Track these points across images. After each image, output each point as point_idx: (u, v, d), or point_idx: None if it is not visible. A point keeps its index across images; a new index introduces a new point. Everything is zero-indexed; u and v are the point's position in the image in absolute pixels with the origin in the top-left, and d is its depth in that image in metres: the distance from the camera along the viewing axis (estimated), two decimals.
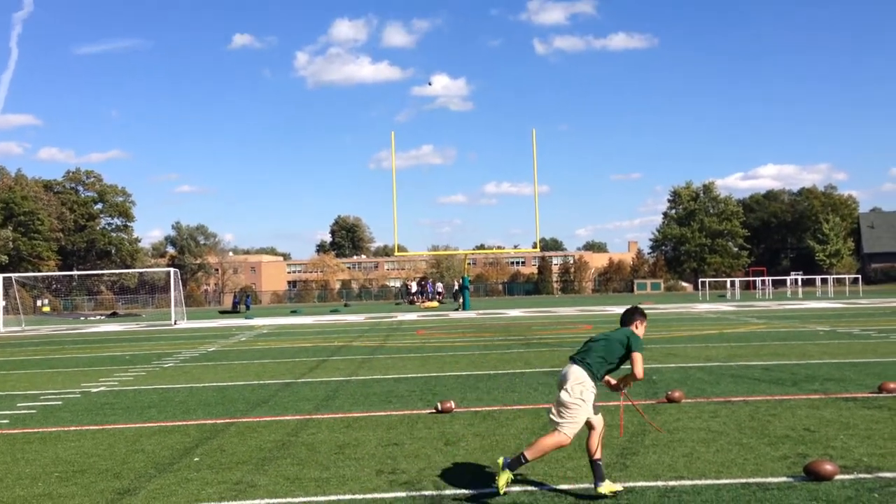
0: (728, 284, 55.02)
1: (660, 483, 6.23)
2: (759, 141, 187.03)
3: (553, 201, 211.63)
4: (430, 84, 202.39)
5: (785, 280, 56.46)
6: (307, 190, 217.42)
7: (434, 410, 9.78)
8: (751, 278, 61.54)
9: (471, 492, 6.12)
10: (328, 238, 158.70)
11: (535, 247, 50.77)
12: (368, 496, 6.06)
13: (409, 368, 14.98)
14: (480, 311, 41.52)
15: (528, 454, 5.87)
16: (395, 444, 8.00)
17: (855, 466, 6.55)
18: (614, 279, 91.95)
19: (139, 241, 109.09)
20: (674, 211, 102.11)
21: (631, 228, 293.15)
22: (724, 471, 6.57)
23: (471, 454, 7.42)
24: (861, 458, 6.78)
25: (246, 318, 43.40)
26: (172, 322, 37.33)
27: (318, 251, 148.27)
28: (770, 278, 54.92)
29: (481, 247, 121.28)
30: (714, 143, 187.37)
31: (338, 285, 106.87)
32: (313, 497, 6.07)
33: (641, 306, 6.69)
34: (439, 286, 68.86)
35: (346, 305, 65.51)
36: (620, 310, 6.88)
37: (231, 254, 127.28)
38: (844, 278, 54.54)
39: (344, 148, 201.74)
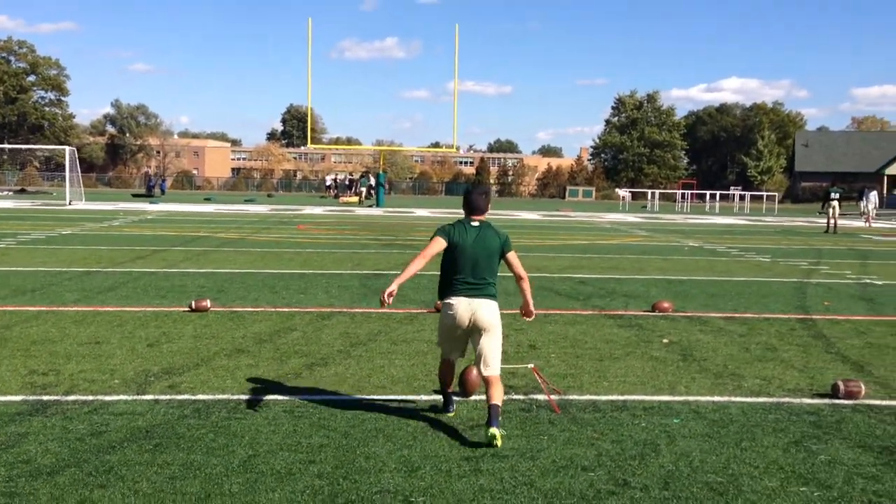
0: (649, 196, 55.06)
1: (303, 398, 5.99)
2: (724, 53, 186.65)
3: (515, 101, 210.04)
4: None
5: (706, 195, 56.73)
6: (265, 77, 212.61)
7: (188, 309, 9.46)
8: (673, 191, 61.76)
9: (94, 398, 5.80)
10: (280, 127, 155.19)
11: (453, 149, 50.15)
12: None
13: (236, 264, 14.58)
14: (391, 209, 41.10)
15: (499, 401, 5.16)
16: (98, 342, 7.65)
17: (525, 386, 6.37)
18: (552, 185, 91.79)
19: (74, 118, 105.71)
20: (616, 119, 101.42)
21: (591, 135, 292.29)
22: (375, 386, 6.35)
23: (160, 356, 7.10)
24: (553, 374, 6.48)
25: (152, 202, 42.45)
26: (67, 202, 36.31)
27: (268, 139, 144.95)
28: (689, 192, 55.07)
29: (436, 144, 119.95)
30: (681, 52, 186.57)
31: (280, 175, 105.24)
32: None
33: (560, 212, 6.35)
34: (372, 181, 67.91)
35: (269, 196, 64.55)
36: (528, 216, 6.31)
37: (175, 136, 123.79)
38: (762, 195, 54.92)
39: (305, 35, 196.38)
